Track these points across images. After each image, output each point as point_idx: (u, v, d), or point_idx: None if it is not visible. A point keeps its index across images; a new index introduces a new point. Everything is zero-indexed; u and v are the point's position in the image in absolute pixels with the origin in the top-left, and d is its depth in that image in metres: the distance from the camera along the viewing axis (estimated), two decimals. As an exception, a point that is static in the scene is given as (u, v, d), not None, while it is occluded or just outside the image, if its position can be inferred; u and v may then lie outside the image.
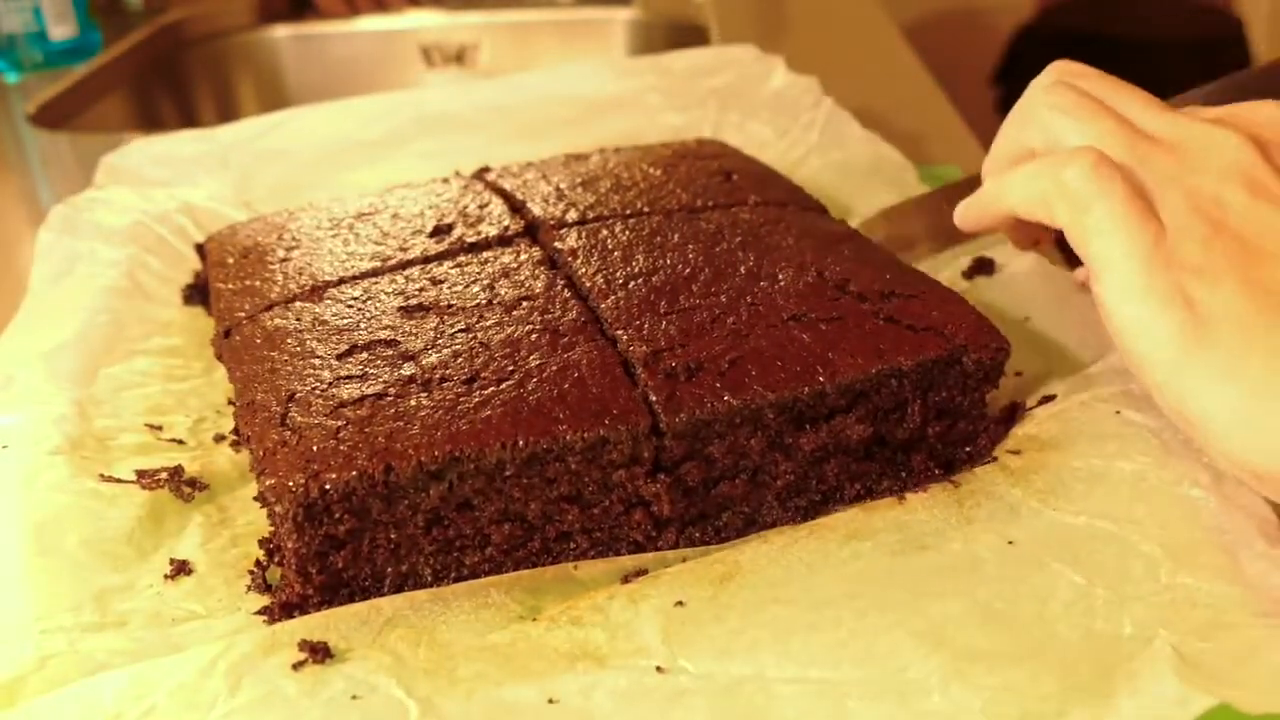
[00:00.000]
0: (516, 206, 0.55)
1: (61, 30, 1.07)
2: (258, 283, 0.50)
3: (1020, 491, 0.41)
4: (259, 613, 0.38)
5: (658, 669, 0.34)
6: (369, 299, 0.46)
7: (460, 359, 0.41)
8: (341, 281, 0.48)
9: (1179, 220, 0.37)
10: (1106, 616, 0.35)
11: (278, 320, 0.46)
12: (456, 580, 0.39)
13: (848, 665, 0.34)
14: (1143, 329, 0.37)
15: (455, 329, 0.43)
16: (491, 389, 0.39)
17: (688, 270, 0.47)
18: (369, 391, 0.40)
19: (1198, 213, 0.37)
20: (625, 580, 0.38)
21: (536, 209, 0.54)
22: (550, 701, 0.33)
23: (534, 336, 0.43)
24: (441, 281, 0.47)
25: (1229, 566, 0.37)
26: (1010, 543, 0.39)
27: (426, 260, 0.50)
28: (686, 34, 1.21)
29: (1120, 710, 0.31)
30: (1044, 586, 0.37)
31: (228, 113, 1.24)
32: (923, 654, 0.34)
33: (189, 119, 1.21)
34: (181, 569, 0.39)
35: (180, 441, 0.46)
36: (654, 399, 0.39)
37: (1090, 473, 0.42)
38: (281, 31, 1.27)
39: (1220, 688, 0.31)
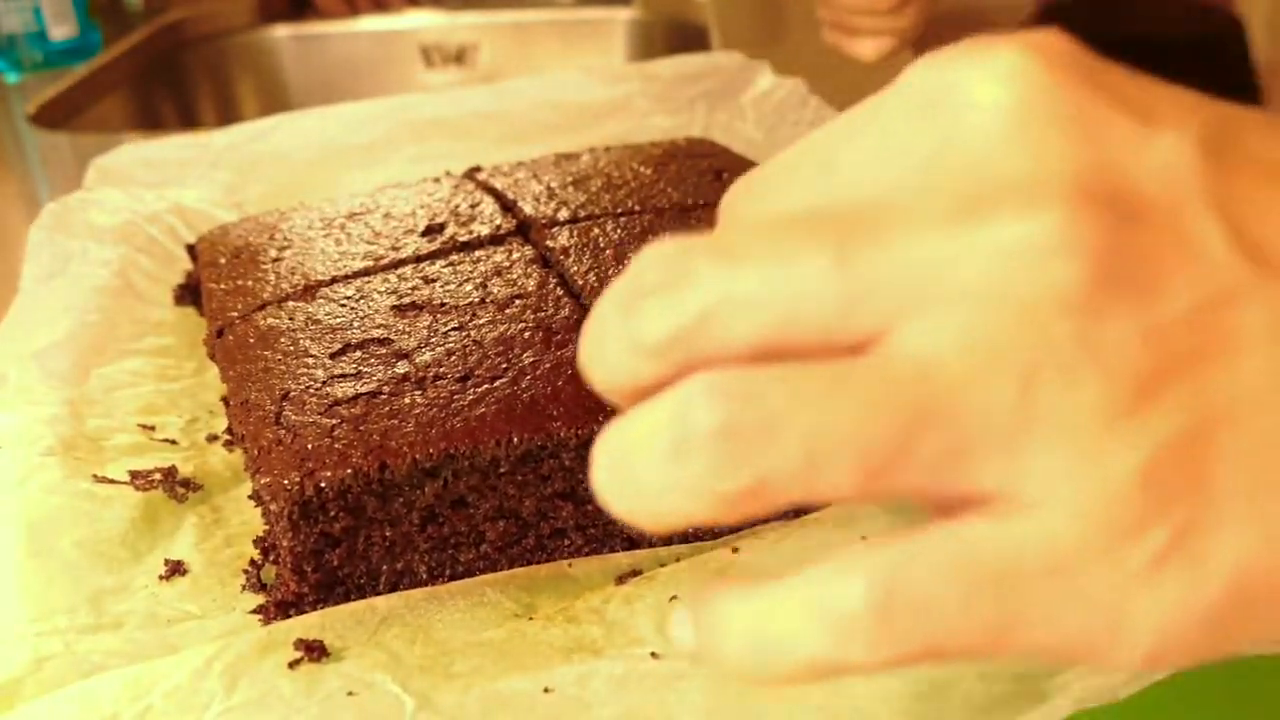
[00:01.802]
0: (508, 205, 0.55)
1: (61, 30, 1.07)
2: (250, 282, 0.50)
3: None
4: (254, 612, 0.38)
5: (653, 654, 0.34)
6: (362, 298, 0.46)
7: (454, 357, 0.41)
8: (334, 281, 0.48)
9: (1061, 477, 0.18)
10: None
11: (271, 320, 0.46)
12: (452, 578, 0.39)
13: None
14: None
15: (448, 327, 0.43)
16: (485, 386, 0.39)
17: (681, 267, 0.47)
18: (363, 390, 0.40)
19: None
20: (620, 581, 0.38)
21: (528, 208, 0.54)
22: (546, 690, 0.33)
23: (527, 334, 0.43)
24: (434, 280, 0.47)
25: None
26: None
27: (419, 259, 0.50)
28: (686, 34, 1.20)
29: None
30: None
31: (228, 113, 1.24)
32: None
33: (189, 119, 1.21)
34: (176, 569, 0.39)
35: (173, 442, 0.46)
36: (647, 396, 0.39)
37: None
38: (281, 31, 1.27)
39: None
